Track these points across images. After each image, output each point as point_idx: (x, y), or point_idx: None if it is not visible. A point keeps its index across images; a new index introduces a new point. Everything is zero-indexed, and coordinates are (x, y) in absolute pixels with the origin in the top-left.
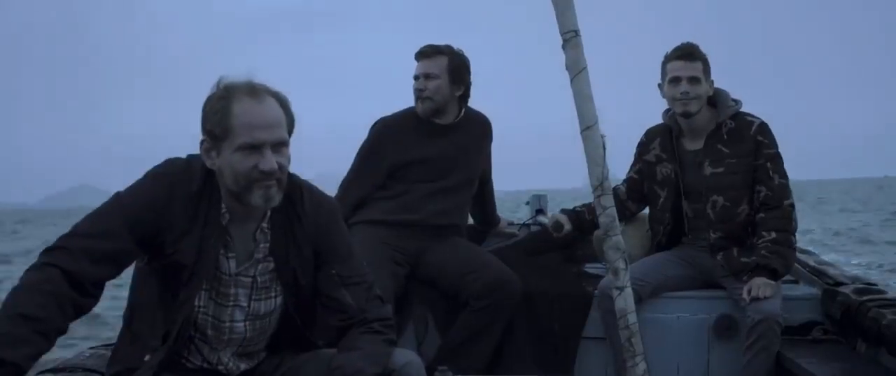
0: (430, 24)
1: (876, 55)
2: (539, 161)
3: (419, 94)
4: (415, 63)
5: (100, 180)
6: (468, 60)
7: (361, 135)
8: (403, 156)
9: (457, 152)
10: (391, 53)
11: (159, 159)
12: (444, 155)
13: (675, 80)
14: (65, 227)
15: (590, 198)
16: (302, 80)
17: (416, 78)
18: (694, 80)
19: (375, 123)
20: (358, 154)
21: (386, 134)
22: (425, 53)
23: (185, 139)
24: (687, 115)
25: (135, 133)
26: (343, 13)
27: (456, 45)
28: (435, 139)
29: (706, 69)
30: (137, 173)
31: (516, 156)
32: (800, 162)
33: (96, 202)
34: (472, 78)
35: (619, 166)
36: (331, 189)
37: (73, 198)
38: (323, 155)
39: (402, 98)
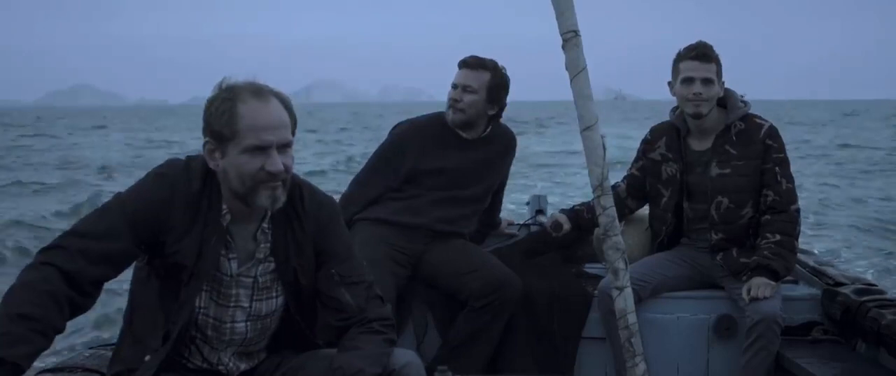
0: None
1: None
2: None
3: (453, 103)
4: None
5: (100, 80)
6: (509, 80)
7: None
8: (423, 163)
9: (476, 167)
10: None
11: (160, 63)
12: (462, 168)
13: (689, 81)
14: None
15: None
16: None
17: (455, 87)
18: (707, 82)
19: (399, 125)
20: (376, 154)
21: (409, 138)
22: (469, 64)
23: (192, 44)
24: (698, 117)
25: (137, 33)
26: None
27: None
28: (457, 151)
29: (719, 71)
30: (139, 73)
31: None
32: (769, 84)
33: (96, 102)
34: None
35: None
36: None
37: (72, 98)
38: None
39: None
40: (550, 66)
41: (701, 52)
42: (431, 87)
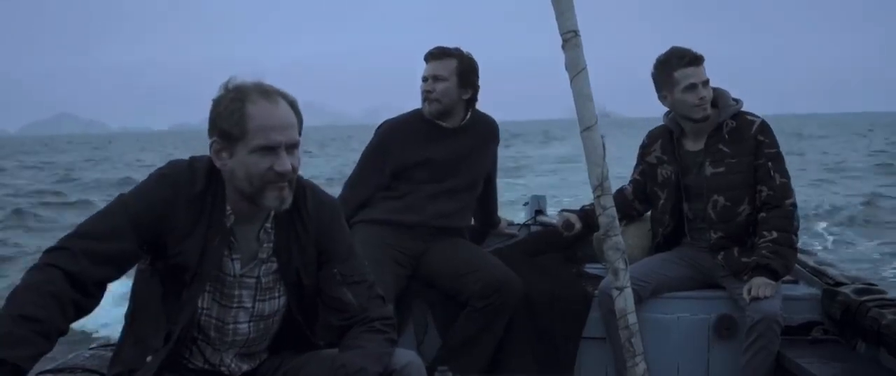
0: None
1: None
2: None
3: (427, 95)
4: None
5: (82, 109)
6: (477, 64)
7: None
8: (408, 157)
9: (461, 155)
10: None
11: (144, 90)
12: (448, 157)
13: (692, 87)
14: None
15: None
16: None
17: (425, 79)
18: (707, 84)
19: (381, 125)
20: (363, 155)
21: (391, 135)
22: (434, 55)
23: (176, 70)
24: (705, 119)
25: (118, 62)
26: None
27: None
28: (440, 141)
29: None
30: (121, 104)
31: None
32: (780, 98)
33: (78, 130)
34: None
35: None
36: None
37: (55, 127)
38: None
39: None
40: (544, 85)
41: (694, 57)
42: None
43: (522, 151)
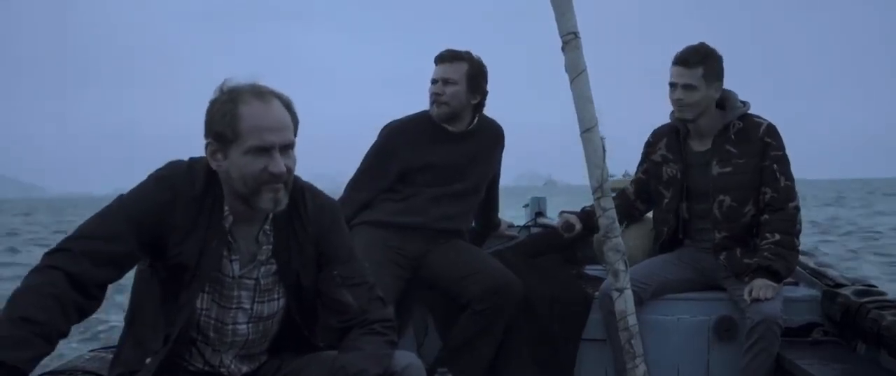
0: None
1: (871, 53)
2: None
3: (436, 98)
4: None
5: (22, 172)
6: (486, 68)
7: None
8: (414, 160)
9: (467, 160)
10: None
11: (86, 146)
12: (453, 161)
13: (672, 86)
14: None
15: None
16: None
17: (434, 82)
18: (688, 88)
19: (387, 126)
20: (367, 155)
21: (397, 137)
22: (445, 58)
23: (113, 132)
24: (683, 121)
25: (62, 123)
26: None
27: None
28: (446, 145)
29: (709, 74)
30: (62, 164)
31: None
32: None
33: (19, 194)
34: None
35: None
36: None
37: None
38: None
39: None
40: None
41: (682, 58)
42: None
43: None
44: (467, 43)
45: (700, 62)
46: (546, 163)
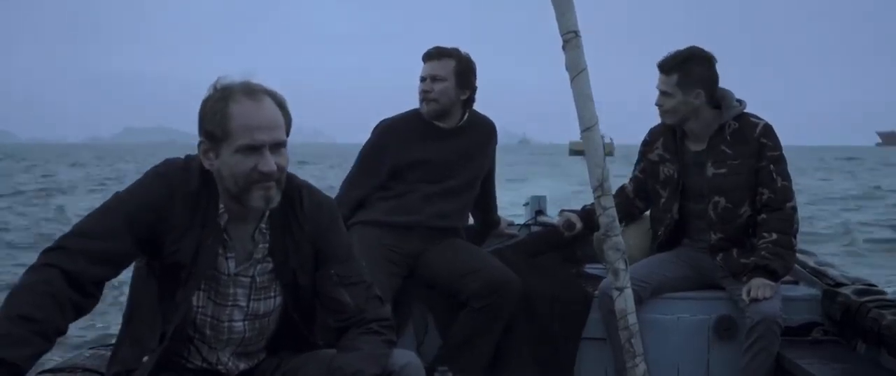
0: None
1: (851, 31)
2: None
3: (425, 95)
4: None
5: None
6: (475, 64)
7: None
8: (405, 157)
9: (459, 156)
10: None
11: (58, 95)
12: (446, 158)
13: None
14: None
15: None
16: None
17: (423, 79)
18: (664, 94)
19: (379, 124)
20: (360, 154)
21: (389, 135)
22: (432, 55)
23: (90, 81)
24: (669, 126)
25: (37, 70)
26: None
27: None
28: (438, 142)
29: (685, 81)
30: (33, 111)
31: None
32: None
33: None
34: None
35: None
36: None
37: None
38: None
39: None
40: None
41: (660, 64)
42: (331, 128)
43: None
44: (439, 4)
45: (675, 69)
46: (519, 122)
